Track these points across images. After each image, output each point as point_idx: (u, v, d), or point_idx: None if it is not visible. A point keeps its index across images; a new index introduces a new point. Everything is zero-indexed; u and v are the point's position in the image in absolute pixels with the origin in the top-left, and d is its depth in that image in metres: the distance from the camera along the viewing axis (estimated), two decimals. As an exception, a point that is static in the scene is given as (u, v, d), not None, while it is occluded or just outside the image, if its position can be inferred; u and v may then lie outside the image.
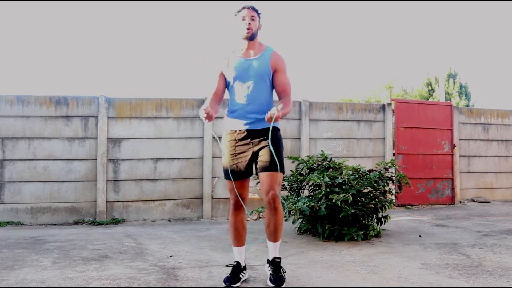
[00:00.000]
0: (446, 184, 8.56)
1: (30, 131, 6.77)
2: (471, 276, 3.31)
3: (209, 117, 2.91)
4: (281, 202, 4.96)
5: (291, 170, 5.65)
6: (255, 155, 3.13)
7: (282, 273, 3.12)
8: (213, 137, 2.84)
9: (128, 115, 7.04)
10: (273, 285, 3.06)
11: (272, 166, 3.07)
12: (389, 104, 8.34)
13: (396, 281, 3.19)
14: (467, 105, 21.77)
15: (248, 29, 3.06)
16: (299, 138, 7.70)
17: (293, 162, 5.74)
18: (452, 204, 8.47)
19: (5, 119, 6.73)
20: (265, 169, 3.08)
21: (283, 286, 3.05)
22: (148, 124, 7.09)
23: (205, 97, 7.27)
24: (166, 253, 4.29)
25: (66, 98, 6.91)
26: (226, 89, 3.29)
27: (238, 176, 3.15)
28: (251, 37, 3.10)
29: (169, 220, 6.95)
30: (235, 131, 3.15)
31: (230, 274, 3.17)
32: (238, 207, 3.21)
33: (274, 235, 3.17)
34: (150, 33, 38.52)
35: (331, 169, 5.25)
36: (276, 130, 3.17)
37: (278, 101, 3.12)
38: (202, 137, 7.23)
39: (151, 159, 7.06)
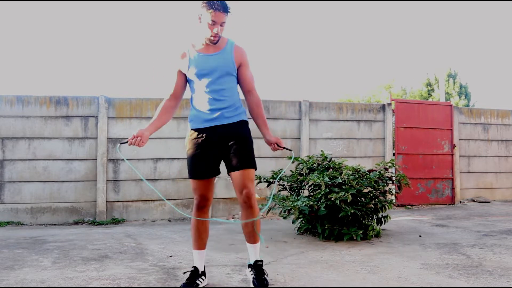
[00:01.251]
0: (446, 184, 8.57)
1: (30, 131, 6.77)
2: (471, 276, 3.32)
3: (138, 143, 2.86)
4: (280, 201, 4.99)
5: (291, 170, 5.65)
6: (223, 153, 2.96)
7: (265, 276, 3.01)
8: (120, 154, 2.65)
9: (128, 115, 7.04)
10: None
11: (244, 162, 2.91)
12: (389, 104, 8.35)
13: (396, 281, 3.19)
14: (467, 105, 21.78)
15: (216, 37, 2.86)
16: (299, 138, 7.71)
17: (293, 162, 5.74)
18: (452, 204, 8.48)
19: (5, 119, 6.74)
20: (236, 166, 2.91)
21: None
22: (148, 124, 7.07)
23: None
24: (166, 253, 4.29)
25: (66, 98, 6.91)
26: (185, 86, 3.09)
27: (204, 175, 2.95)
28: (215, 43, 2.91)
29: (169, 220, 6.96)
30: (200, 129, 2.97)
31: (186, 280, 3.01)
32: (200, 208, 3.02)
33: (253, 236, 3.03)
34: (150, 33, 38.54)
35: (331, 169, 5.25)
36: (244, 124, 3.03)
37: (248, 101, 3.07)
38: (202, 137, 7.22)
39: (151, 159, 7.07)
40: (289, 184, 5.60)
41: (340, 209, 4.74)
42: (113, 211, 6.92)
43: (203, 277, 3.09)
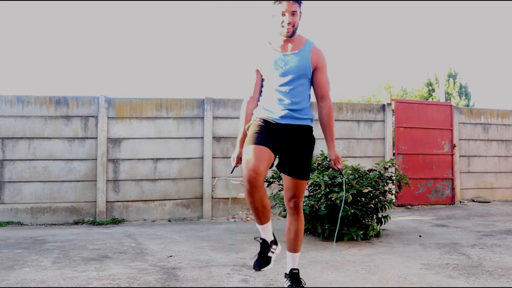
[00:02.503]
0: (446, 184, 8.59)
1: (30, 131, 6.79)
2: (471, 276, 3.33)
3: (239, 163, 2.84)
4: (281, 200, 4.98)
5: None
6: (284, 152, 2.81)
7: (302, 285, 2.91)
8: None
9: (128, 115, 7.06)
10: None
11: (302, 173, 2.82)
12: (389, 104, 8.36)
13: (396, 281, 3.20)
14: (467, 105, 21.80)
15: (288, 28, 2.71)
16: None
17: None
18: (452, 204, 8.49)
19: (5, 119, 6.75)
20: (294, 174, 2.80)
21: None
22: (148, 124, 7.11)
23: (205, 97, 7.28)
24: (166, 253, 4.31)
25: (66, 98, 6.93)
26: (262, 86, 2.96)
27: (263, 142, 2.69)
28: (291, 36, 2.76)
29: (169, 220, 6.96)
30: (267, 120, 2.80)
31: (258, 255, 2.90)
32: (252, 184, 2.64)
33: (294, 244, 2.92)
34: (150, 33, 38.55)
35: (330, 169, 5.24)
36: (310, 129, 2.90)
37: (320, 109, 2.93)
38: (202, 137, 7.25)
39: (151, 159, 7.08)
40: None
41: (340, 209, 4.74)
42: (113, 211, 6.92)
43: (274, 246, 2.91)
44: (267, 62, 2.82)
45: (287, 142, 2.78)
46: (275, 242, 2.93)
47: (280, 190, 5.61)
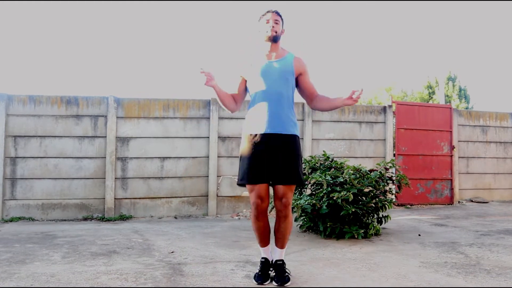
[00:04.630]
0: (445, 185, 8.68)
1: (41, 130, 6.92)
2: (469, 274, 3.33)
3: (208, 77, 2.95)
4: None
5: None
6: (271, 161, 3.02)
7: (287, 273, 3.12)
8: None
9: (136, 115, 7.18)
10: (277, 284, 3.04)
11: (290, 177, 3.03)
12: (390, 106, 8.46)
13: (395, 279, 3.21)
14: (467, 108, 21.83)
15: (272, 29, 3.06)
16: (302, 138, 7.83)
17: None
18: (451, 204, 8.57)
19: (18, 118, 6.88)
20: (285, 181, 3.01)
21: (288, 284, 3.05)
22: (156, 123, 7.24)
23: (211, 97, 7.43)
24: (172, 249, 4.33)
25: (77, 98, 7.06)
26: (244, 94, 3.27)
27: (260, 178, 3.02)
28: (274, 39, 3.09)
29: (175, 217, 7.06)
30: (254, 135, 3.06)
31: (259, 271, 3.16)
32: (259, 212, 3.10)
33: (281, 242, 3.13)
34: (158, 34, 38.60)
35: (332, 169, 5.31)
36: (296, 137, 3.12)
37: (314, 102, 3.22)
38: (208, 137, 7.37)
39: (158, 157, 7.21)
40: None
41: (341, 208, 4.80)
42: (121, 207, 7.05)
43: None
44: (253, 70, 3.13)
45: (276, 154, 3.01)
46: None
47: None
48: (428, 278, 3.23)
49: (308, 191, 5.67)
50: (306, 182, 5.44)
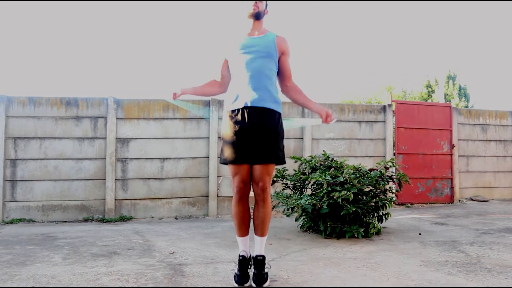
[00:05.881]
0: (445, 183, 8.69)
1: (41, 131, 6.92)
2: (469, 273, 3.32)
3: (174, 95, 3.01)
4: (284, 199, 5.05)
5: (294, 170, 5.74)
6: (251, 139, 2.95)
7: (266, 271, 3.02)
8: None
9: (136, 116, 7.18)
10: (255, 285, 2.94)
11: (267, 156, 2.94)
12: (390, 105, 8.46)
13: (396, 278, 3.20)
14: (466, 106, 21.84)
15: (254, 5, 3.03)
16: (302, 138, 7.84)
17: (295, 162, 5.82)
18: (451, 203, 8.59)
19: (18, 120, 6.89)
20: (263, 160, 2.93)
21: (265, 285, 2.98)
22: (156, 124, 7.24)
23: (211, 98, 7.42)
24: (173, 249, 4.32)
25: (76, 99, 7.06)
26: (229, 75, 3.19)
27: (242, 158, 2.95)
28: (257, 15, 3.06)
29: (176, 218, 7.06)
30: (235, 112, 2.99)
31: (238, 271, 3.01)
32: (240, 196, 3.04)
33: (260, 229, 3.04)
34: (158, 35, 38.61)
35: (332, 169, 5.30)
36: (276, 114, 3.04)
37: (288, 88, 3.15)
38: (208, 137, 7.38)
39: (158, 158, 7.22)
40: (292, 183, 5.66)
41: (342, 207, 4.80)
42: (121, 208, 7.06)
43: (251, 262, 3.08)
44: (235, 47, 3.07)
45: (256, 131, 2.94)
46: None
47: (283, 189, 5.67)
48: (429, 277, 3.23)
49: (309, 191, 5.68)
50: (306, 182, 5.44)
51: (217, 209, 7.30)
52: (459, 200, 8.78)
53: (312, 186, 5.32)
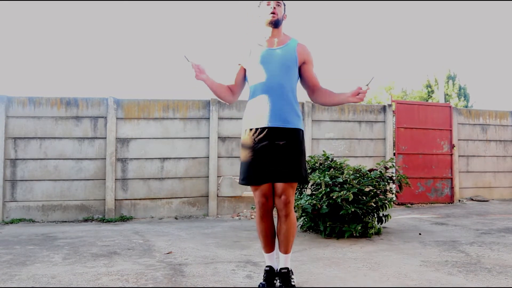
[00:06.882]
0: (445, 183, 8.69)
1: (41, 131, 6.93)
2: (470, 273, 3.32)
3: (197, 70, 2.76)
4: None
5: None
6: (274, 158, 2.80)
7: (293, 284, 2.88)
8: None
9: (136, 116, 7.19)
10: None
11: (291, 174, 2.79)
12: (390, 105, 8.47)
13: (396, 278, 3.20)
14: (466, 106, 21.85)
15: (273, 13, 2.82)
16: (302, 138, 7.82)
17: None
18: (451, 203, 8.59)
19: (18, 120, 6.89)
20: (286, 178, 2.79)
21: None
22: (156, 124, 7.24)
23: (211, 98, 7.43)
24: (173, 249, 4.33)
25: (76, 99, 7.07)
26: (243, 84, 3.03)
27: (262, 178, 2.82)
28: (276, 23, 2.85)
29: (176, 218, 7.06)
30: (255, 130, 2.83)
31: (264, 280, 2.92)
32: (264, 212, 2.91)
33: (284, 245, 2.88)
34: (157, 35, 38.63)
35: (332, 169, 5.31)
36: (300, 132, 2.88)
37: (316, 95, 2.96)
38: (208, 137, 7.38)
39: (159, 158, 7.22)
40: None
41: (341, 208, 4.80)
42: (121, 209, 7.06)
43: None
44: (254, 57, 2.88)
45: (278, 151, 2.79)
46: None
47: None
48: (429, 277, 3.23)
49: (308, 191, 5.68)
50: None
51: (217, 209, 7.29)
52: (459, 200, 8.78)
53: (312, 187, 5.32)
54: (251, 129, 2.85)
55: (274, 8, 2.84)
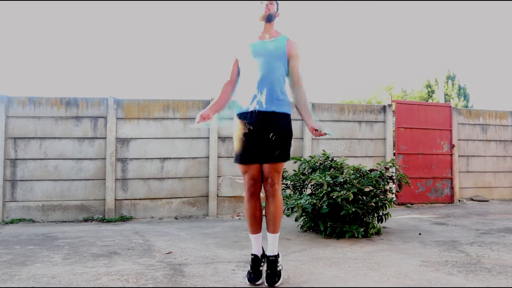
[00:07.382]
0: (445, 183, 8.70)
1: (41, 131, 6.92)
2: (470, 273, 3.33)
3: (205, 118, 3.05)
4: (284, 199, 5.04)
5: (293, 170, 5.74)
6: (262, 141, 3.03)
7: (279, 270, 3.07)
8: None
9: (136, 116, 7.19)
10: (267, 284, 3.00)
11: (277, 156, 3.03)
12: (390, 105, 8.47)
13: (396, 278, 3.20)
14: (466, 106, 21.87)
15: (266, 8, 3.07)
16: (302, 138, 7.85)
17: (295, 162, 5.81)
18: (451, 203, 8.59)
19: (18, 120, 6.89)
20: (273, 159, 3.03)
21: (278, 284, 3.02)
22: (156, 124, 7.24)
23: (211, 98, 7.42)
24: (173, 249, 4.33)
25: (76, 99, 7.07)
26: (239, 74, 3.26)
27: (251, 158, 3.07)
28: (268, 18, 3.11)
29: (176, 218, 7.06)
30: (245, 114, 3.09)
31: (251, 270, 3.09)
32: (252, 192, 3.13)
33: (272, 224, 3.10)
34: (157, 35, 38.64)
35: (332, 169, 5.31)
36: (286, 116, 3.12)
37: (294, 94, 3.16)
38: (208, 137, 7.38)
39: (159, 158, 7.22)
40: (292, 183, 5.67)
41: (342, 207, 4.81)
42: (121, 209, 7.06)
43: (264, 260, 3.15)
44: (246, 49, 3.12)
45: (267, 133, 3.03)
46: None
47: (283, 189, 5.63)
48: (429, 277, 3.23)
49: (308, 191, 5.68)
50: (306, 182, 5.44)
51: (217, 209, 7.29)
52: (459, 200, 8.78)
53: (312, 186, 5.32)
54: (241, 113, 3.13)
55: (267, 5, 3.10)
